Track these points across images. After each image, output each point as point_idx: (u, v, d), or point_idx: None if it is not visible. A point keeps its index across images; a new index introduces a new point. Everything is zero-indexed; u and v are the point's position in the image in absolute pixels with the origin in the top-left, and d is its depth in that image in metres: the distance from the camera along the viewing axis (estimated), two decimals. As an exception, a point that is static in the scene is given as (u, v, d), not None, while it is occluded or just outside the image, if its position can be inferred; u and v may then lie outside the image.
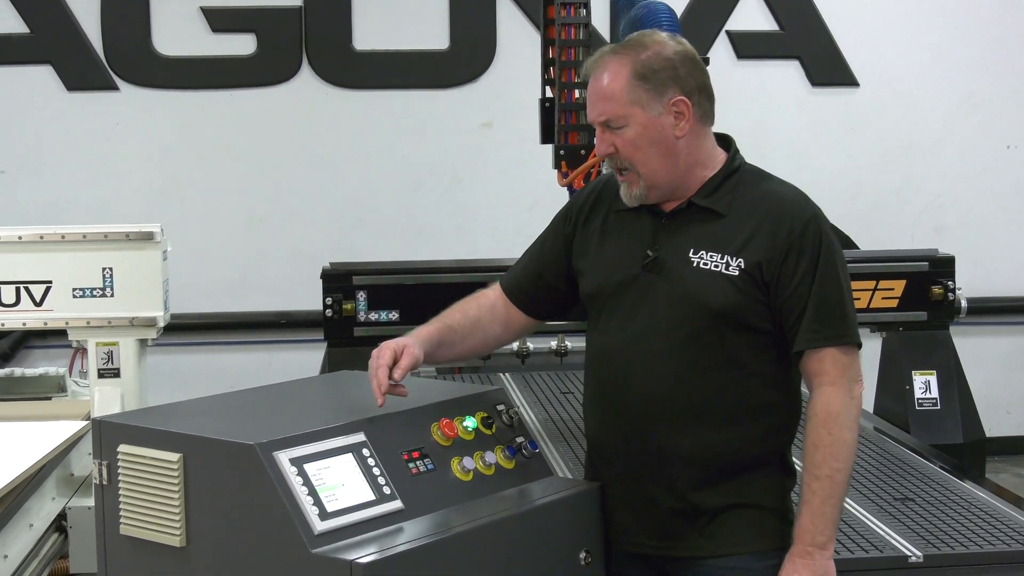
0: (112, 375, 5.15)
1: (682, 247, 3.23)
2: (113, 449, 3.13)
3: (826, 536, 3.15)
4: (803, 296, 3.16)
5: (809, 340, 3.16)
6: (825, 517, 3.14)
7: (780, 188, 3.26)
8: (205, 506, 2.98)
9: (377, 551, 2.78)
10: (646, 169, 3.21)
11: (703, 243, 3.21)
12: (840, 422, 3.14)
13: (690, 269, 3.20)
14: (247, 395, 3.51)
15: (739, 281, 3.16)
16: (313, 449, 2.93)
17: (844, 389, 3.16)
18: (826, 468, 3.13)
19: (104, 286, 5.11)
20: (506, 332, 3.54)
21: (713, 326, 3.18)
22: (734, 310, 3.17)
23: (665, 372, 3.20)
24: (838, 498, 3.15)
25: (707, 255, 3.20)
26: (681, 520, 3.24)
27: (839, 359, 3.16)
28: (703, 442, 3.19)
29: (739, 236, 3.19)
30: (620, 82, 3.19)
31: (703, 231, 3.22)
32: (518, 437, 3.30)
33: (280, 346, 8.56)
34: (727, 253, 3.18)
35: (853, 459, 3.19)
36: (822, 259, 3.17)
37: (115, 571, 3.20)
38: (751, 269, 3.16)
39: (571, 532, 3.20)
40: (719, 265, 3.18)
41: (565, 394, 5.78)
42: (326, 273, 5.59)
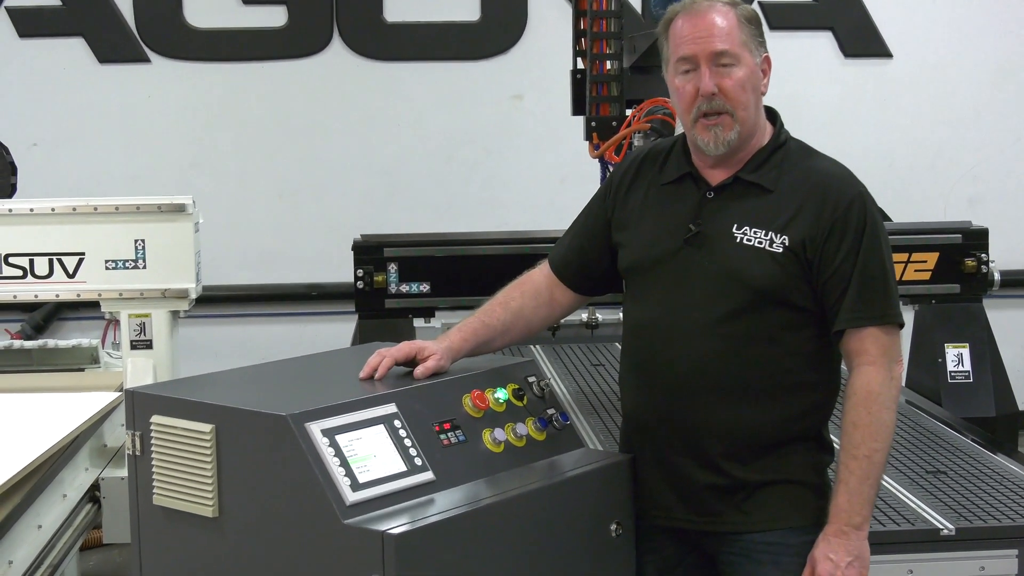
0: (144, 347, 5.17)
1: (726, 222, 3.21)
2: (146, 420, 3.14)
3: (862, 516, 3.14)
4: (846, 275, 3.14)
5: (850, 319, 3.15)
6: (862, 497, 3.13)
7: (826, 165, 3.24)
8: (237, 477, 2.99)
9: (408, 522, 2.79)
10: (745, 113, 3.20)
11: (748, 219, 3.19)
12: (879, 402, 3.13)
13: (733, 245, 3.18)
14: (279, 366, 3.51)
15: (782, 258, 3.15)
16: (345, 420, 2.93)
17: (884, 369, 3.14)
18: (864, 448, 3.12)
19: (136, 258, 5.12)
20: (553, 312, 3.53)
21: (754, 303, 3.16)
22: (776, 287, 3.15)
23: (703, 348, 3.19)
24: (875, 478, 3.14)
25: (751, 231, 3.18)
26: (717, 495, 3.24)
27: (880, 339, 3.15)
28: (740, 418, 3.19)
29: (784, 213, 3.17)
30: (733, 21, 3.19)
31: (748, 206, 3.21)
32: (549, 409, 3.30)
33: (311, 318, 8.58)
34: (771, 229, 3.16)
35: (891, 439, 3.17)
36: (866, 238, 3.15)
37: (148, 541, 3.21)
38: (795, 246, 3.14)
39: (602, 504, 3.20)
40: (763, 241, 3.16)
41: (596, 366, 5.77)
42: (357, 245, 5.59)
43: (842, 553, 3.13)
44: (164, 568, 3.19)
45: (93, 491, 4.90)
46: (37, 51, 8.42)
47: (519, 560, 2.99)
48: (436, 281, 5.50)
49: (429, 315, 5.58)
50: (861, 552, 3.15)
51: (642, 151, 3.46)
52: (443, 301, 5.49)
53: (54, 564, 4.25)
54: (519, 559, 2.99)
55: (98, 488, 4.91)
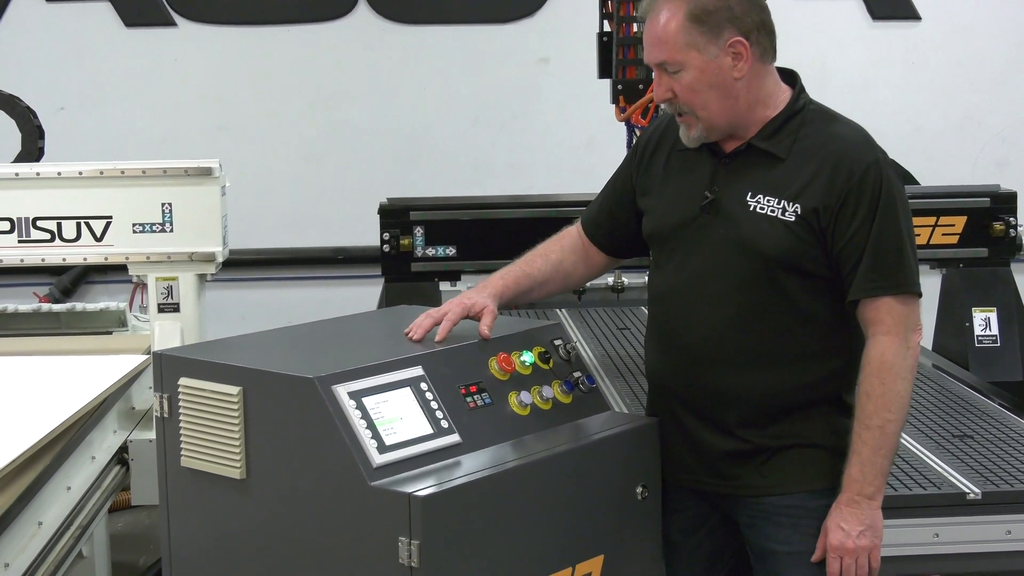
0: (172, 310, 5.18)
1: (740, 190, 3.20)
2: (174, 382, 3.15)
3: (874, 487, 3.14)
4: (860, 244, 3.11)
5: (864, 289, 3.12)
6: (875, 467, 3.12)
7: (844, 130, 3.20)
8: (264, 439, 3.01)
9: (435, 484, 2.80)
10: (705, 113, 3.17)
11: (761, 187, 3.17)
12: (894, 372, 3.11)
13: (746, 213, 3.17)
14: (305, 329, 3.52)
15: (795, 227, 3.13)
16: (371, 383, 2.94)
17: (900, 339, 3.11)
18: (877, 419, 3.10)
19: (163, 221, 5.13)
20: (588, 270, 3.55)
21: (768, 271, 3.15)
22: (789, 256, 3.14)
23: (719, 316, 3.19)
24: (889, 449, 3.13)
25: (764, 199, 3.16)
26: (737, 459, 3.24)
27: (895, 308, 3.12)
28: (758, 385, 3.19)
29: (797, 180, 3.14)
30: (675, 25, 3.11)
31: (762, 174, 3.19)
32: (575, 372, 3.31)
33: (337, 282, 8.59)
34: (784, 198, 3.14)
35: (906, 410, 3.15)
36: (881, 206, 3.11)
37: (176, 502, 3.23)
38: (808, 215, 3.12)
39: (628, 467, 3.21)
40: (775, 210, 3.15)
41: (622, 330, 5.77)
42: (383, 208, 5.59)
43: (854, 523, 3.13)
44: (192, 529, 3.22)
45: (121, 453, 4.92)
46: (63, 15, 8.43)
47: (545, 523, 3.00)
48: (462, 245, 5.50)
49: (455, 279, 5.58)
50: (873, 522, 3.15)
51: (667, 117, 3.44)
52: (469, 265, 5.50)
53: (83, 525, 4.28)
54: (545, 522, 3.00)
55: (126, 450, 4.94)
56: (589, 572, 3.11)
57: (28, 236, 5.12)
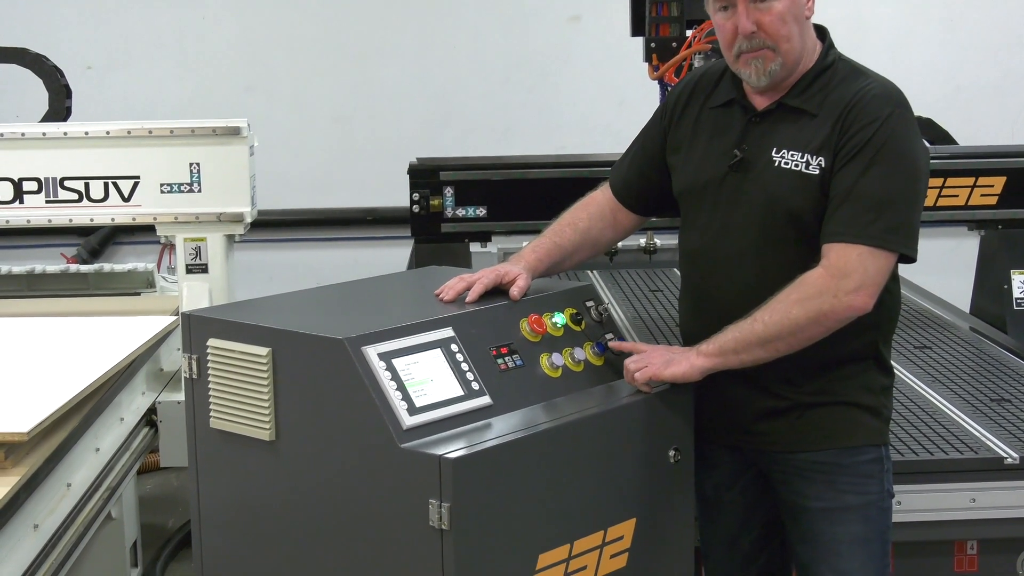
0: (200, 270, 5.20)
1: (768, 147, 3.20)
2: (202, 343, 3.16)
3: (710, 348, 3.13)
4: (843, 188, 3.07)
5: (829, 235, 3.08)
6: (723, 338, 3.12)
7: (870, 85, 3.17)
8: (294, 400, 3.01)
9: (465, 446, 2.80)
10: (788, 45, 3.16)
11: (787, 142, 3.18)
12: (801, 298, 3.04)
13: (772, 169, 3.17)
14: (335, 290, 3.52)
15: (818, 180, 3.12)
16: (401, 344, 2.94)
17: (831, 280, 3.04)
18: (759, 312, 3.08)
19: (191, 181, 5.14)
20: (615, 234, 3.55)
21: (794, 226, 3.15)
22: (814, 210, 3.12)
23: (750, 272, 3.20)
24: (744, 340, 3.08)
25: (788, 154, 3.16)
26: (771, 416, 3.25)
27: (846, 254, 3.05)
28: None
29: (820, 134, 3.14)
30: None
31: (790, 130, 3.19)
32: (608, 333, 3.30)
33: (366, 242, 8.60)
34: (807, 152, 3.14)
35: (786, 337, 3.06)
36: (880, 159, 3.07)
37: (205, 464, 3.24)
38: (829, 167, 3.12)
39: (660, 429, 3.20)
40: (799, 164, 3.14)
41: (654, 292, 5.76)
42: (413, 169, 5.58)
43: (674, 350, 3.19)
44: (221, 491, 3.23)
45: (150, 415, 4.95)
46: (90, -27, 8.44)
47: (576, 486, 3.00)
48: (493, 205, 5.48)
49: (485, 239, 5.56)
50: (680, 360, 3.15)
51: (697, 73, 3.45)
52: (499, 225, 5.48)
53: (112, 487, 4.31)
54: (575, 485, 3.00)
55: (155, 412, 4.96)
56: (621, 535, 3.11)
57: (55, 196, 5.14)
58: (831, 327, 3.08)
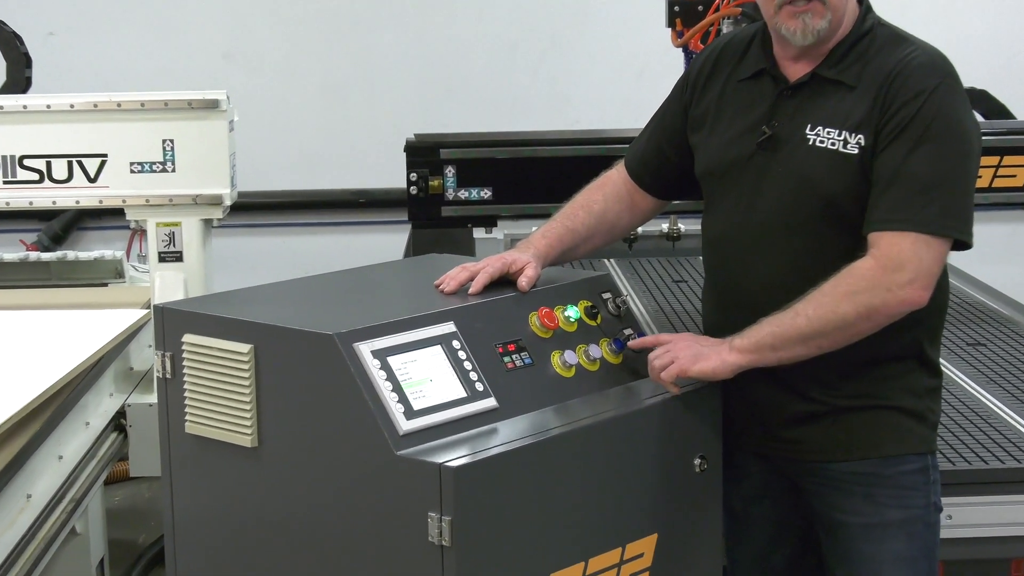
0: (174, 259, 5.20)
1: (801, 123, 3.19)
2: (177, 339, 3.17)
3: (744, 343, 3.11)
4: (887, 172, 3.07)
5: (873, 221, 3.08)
6: (759, 332, 3.11)
7: (913, 54, 3.16)
8: (279, 402, 3.02)
9: (468, 454, 2.80)
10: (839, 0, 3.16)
11: (823, 118, 3.17)
12: (850, 291, 3.04)
13: (806, 147, 3.17)
14: (324, 280, 3.53)
15: (857, 160, 3.12)
16: (398, 340, 2.94)
17: (884, 272, 3.04)
18: (800, 306, 3.08)
19: (164, 160, 5.14)
20: (633, 218, 3.55)
21: (830, 210, 3.15)
22: (852, 192, 3.12)
23: (780, 261, 3.20)
24: (784, 336, 3.08)
25: (824, 131, 3.16)
26: (804, 421, 3.25)
27: (898, 243, 3.05)
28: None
29: (860, 109, 3.14)
30: None
31: (826, 105, 3.18)
32: (626, 329, 3.30)
33: (359, 228, 8.61)
34: (845, 129, 3.13)
35: (832, 334, 3.07)
36: (929, 136, 3.06)
37: (180, 473, 3.25)
38: (869, 146, 3.11)
39: (685, 435, 3.20)
40: (836, 143, 3.14)
41: (678, 282, 5.77)
42: (411, 146, 5.58)
43: (702, 340, 3.18)
44: (198, 503, 3.24)
45: (118, 419, 4.95)
46: (52, -72, 8.45)
47: (591, 498, 3.01)
48: (499, 186, 5.48)
49: (491, 224, 5.57)
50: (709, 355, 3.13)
51: (721, 41, 3.44)
52: (506, 209, 5.48)
53: (76, 498, 4.31)
54: (591, 497, 3.01)
55: (124, 415, 4.97)
56: (641, 552, 3.12)
57: (14, 176, 5.15)
58: (882, 323, 3.08)
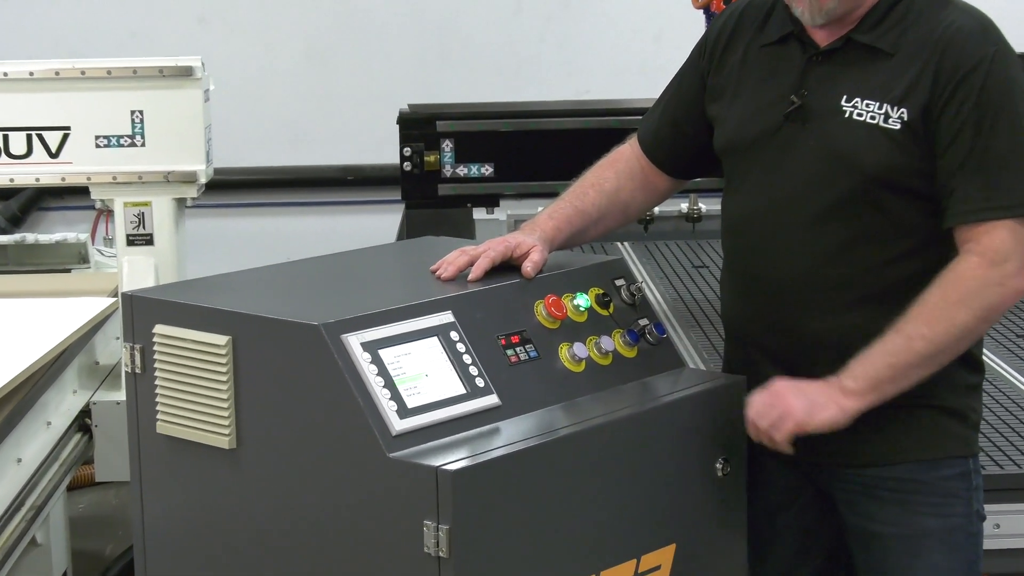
0: (144, 242, 5.20)
1: (835, 93, 3.19)
2: (147, 331, 3.17)
3: (859, 385, 3.09)
4: (960, 156, 3.08)
5: (961, 212, 3.09)
6: (872, 367, 3.09)
7: (959, 18, 3.16)
8: (259, 400, 3.02)
9: (468, 456, 2.80)
10: None
11: (860, 88, 3.16)
12: (964, 296, 3.05)
13: (842, 120, 3.16)
14: (309, 266, 3.54)
15: (900, 136, 3.11)
16: (390, 331, 2.94)
17: (992, 268, 3.06)
18: (911, 327, 3.07)
19: (133, 133, 5.14)
20: (648, 198, 3.55)
21: (868, 191, 3.14)
22: (893, 172, 3.12)
23: (810, 246, 3.19)
24: (903, 365, 3.08)
25: (863, 103, 3.15)
26: (831, 422, 3.24)
27: (998, 233, 3.07)
28: (860, 330, 3.16)
29: (902, 80, 3.13)
30: None
31: (862, 74, 3.18)
32: (641, 319, 3.30)
33: (347, 208, 8.62)
34: (887, 101, 3.13)
35: (951, 347, 3.08)
36: (994, 108, 3.07)
37: (150, 478, 3.25)
38: (914, 121, 3.10)
39: (706, 436, 3.21)
40: (876, 116, 3.13)
41: (699, 268, 5.78)
42: (404, 117, 5.59)
43: (807, 388, 3.12)
44: (170, 511, 3.24)
45: (83, 418, 4.96)
46: None
47: (602, 504, 3.01)
48: (501, 162, 5.49)
49: (492, 204, 5.58)
50: (823, 407, 3.10)
51: (741, 2, 3.43)
52: (510, 187, 5.50)
53: (37, 506, 4.32)
54: (602, 503, 3.01)
55: (89, 415, 4.98)
56: (657, 565, 3.12)
57: (-33, 152, 5.16)
58: (996, 320, 3.14)
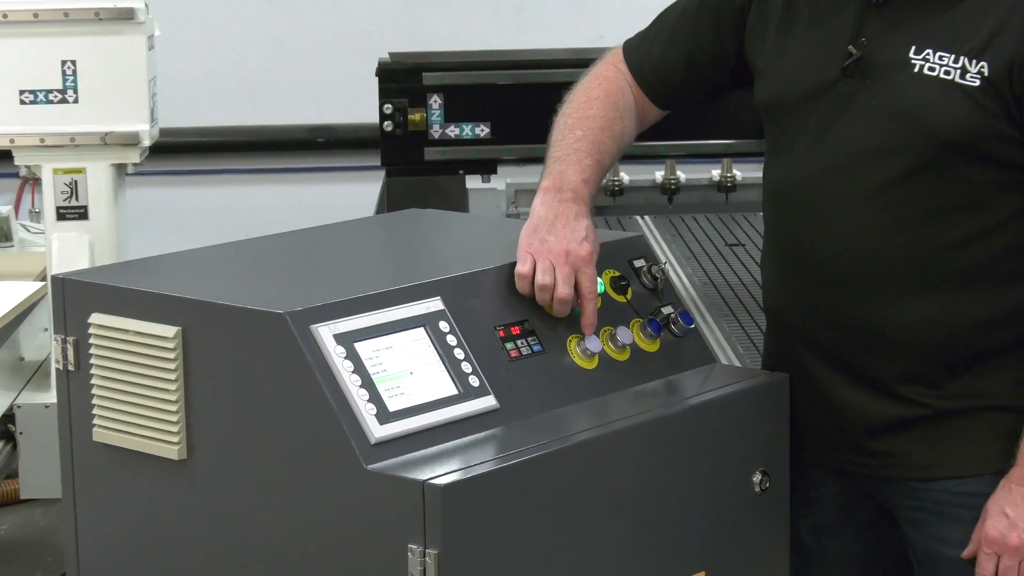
0: (77, 216, 5.21)
1: (901, 43, 3.18)
2: (82, 321, 3.17)
3: None
4: None
5: None
6: None
7: None
8: (214, 403, 3.02)
9: (459, 468, 2.80)
10: None
11: (931, 38, 3.16)
12: None
13: (910, 75, 3.16)
14: (273, 244, 3.55)
15: (980, 94, 3.11)
16: (369, 321, 2.95)
17: None
18: None
19: (64, 88, 5.15)
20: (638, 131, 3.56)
21: (940, 158, 3.14)
22: (971, 135, 3.12)
23: (870, 221, 3.20)
24: None
25: (936, 56, 3.15)
26: (897, 428, 3.25)
27: None
28: (926, 319, 3.18)
29: (982, 29, 3.13)
30: None
31: (932, 20, 3.18)
32: (665, 306, 3.32)
33: (317, 175, 8.62)
34: (964, 53, 3.13)
35: None
36: None
37: (85, 493, 3.25)
38: (997, 76, 3.10)
39: (741, 445, 3.21)
40: (952, 71, 3.13)
41: (733, 246, 5.77)
42: (384, 68, 5.59)
43: (1003, 524, 3.14)
44: (109, 533, 3.24)
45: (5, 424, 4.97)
46: None
47: (617, 524, 3.01)
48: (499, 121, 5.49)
49: (489, 170, 5.58)
50: None
51: None
52: (509, 150, 5.50)
53: (-48, 527, 4.34)
54: (618, 523, 3.01)
55: (12, 420, 4.98)
56: (684, 596, 3.14)
57: None
58: None
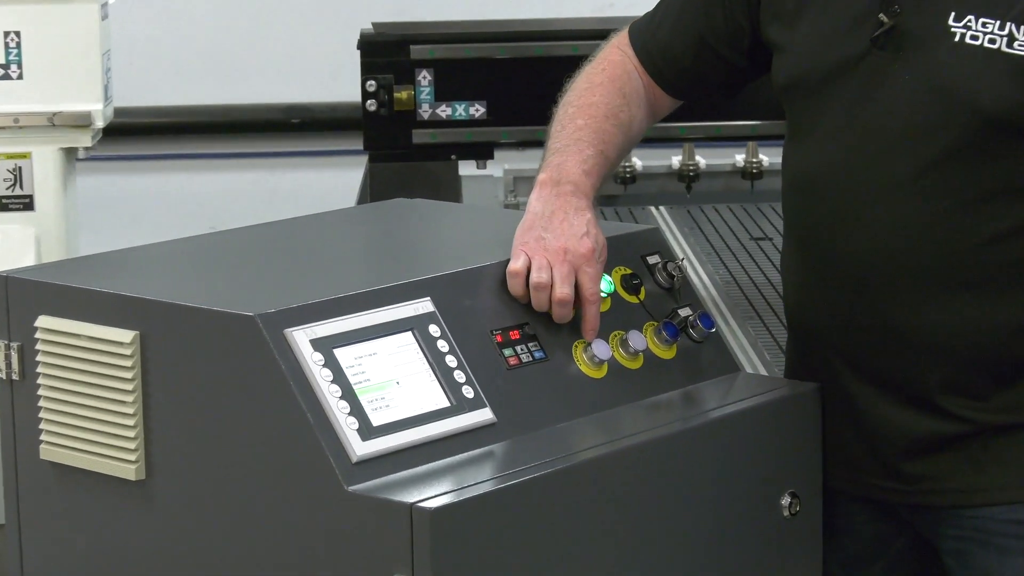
0: (21, 206, 5.22)
1: (938, 9, 3.18)
2: (27, 324, 3.17)
3: None
4: None
5: None
6: None
7: None
8: (176, 416, 3.03)
9: (452, 490, 2.81)
10: None
11: (972, 2, 3.16)
12: None
13: (950, 45, 3.16)
14: (242, 237, 3.56)
15: None
16: (350, 325, 2.95)
17: None
18: None
19: (7, 62, 5.16)
20: (648, 124, 3.57)
21: (987, 138, 3.15)
22: (1021, 112, 3.13)
23: (903, 212, 3.20)
24: None
25: (977, 22, 3.15)
26: (938, 447, 3.26)
27: None
28: (967, 323, 3.19)
29: None
30: None
31: None
32: (682, 308, 3.33)
33: (293, 160, 8.63)
34: (1010, 19, 3.13)
35: None
36: None
37: (32, 517, 3.26)
38: None
39: (768, 463, 3.22)
40: (997, 39, 3.13)
41: (759, 240, 5.79)
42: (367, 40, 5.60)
43: None
44: (59, 560, 3.24)
45: (-58, 440, 4.98)
46: None
47: (628, 550, 3.02)
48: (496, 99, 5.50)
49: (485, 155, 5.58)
50: None
51: None
52: (507, 133, 5.51)
53: None
54: (628, 549, 3.02)
55: (-50, 435, 5.00)
56: (704, 632, 3.15)
57: None
58: None
